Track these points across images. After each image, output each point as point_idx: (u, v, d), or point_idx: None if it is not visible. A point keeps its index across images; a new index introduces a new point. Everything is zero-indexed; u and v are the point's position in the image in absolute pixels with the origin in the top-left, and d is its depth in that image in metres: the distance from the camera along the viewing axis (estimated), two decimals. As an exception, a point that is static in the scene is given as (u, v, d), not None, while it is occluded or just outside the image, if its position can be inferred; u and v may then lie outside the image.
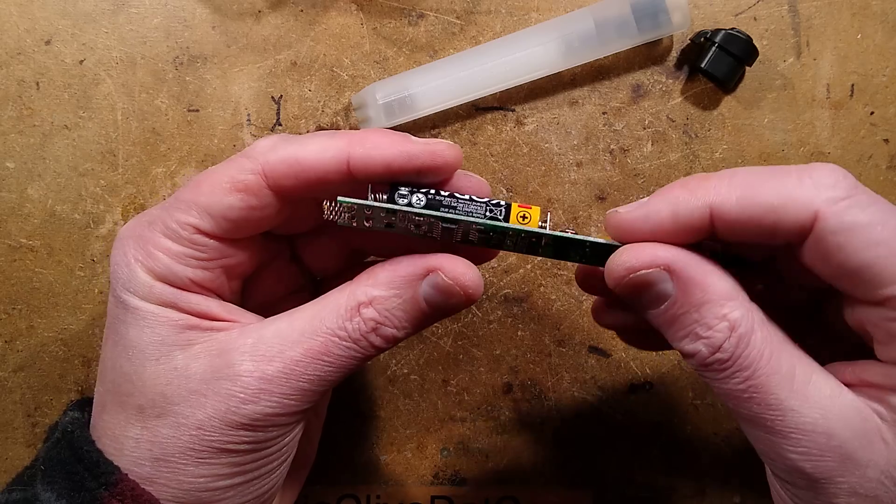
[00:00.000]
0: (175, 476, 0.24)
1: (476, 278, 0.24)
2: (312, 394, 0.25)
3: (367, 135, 0.25)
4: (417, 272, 0.24)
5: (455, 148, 0.25)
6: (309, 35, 0.37)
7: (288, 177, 0.24)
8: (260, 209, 0.25)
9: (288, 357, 0.24)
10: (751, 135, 0.37)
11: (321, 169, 0.24)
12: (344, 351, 0.24)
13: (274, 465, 0.26)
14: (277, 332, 0.25)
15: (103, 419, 0.25)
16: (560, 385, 0.38)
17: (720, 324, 0.22)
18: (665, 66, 0.38)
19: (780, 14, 0.37)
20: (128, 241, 0.25)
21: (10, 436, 0.37)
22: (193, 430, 0.24)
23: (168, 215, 0.25)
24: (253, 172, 0.24)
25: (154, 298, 0.25)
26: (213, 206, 0.25)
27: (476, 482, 0.38)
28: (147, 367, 0.25)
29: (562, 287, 0.38)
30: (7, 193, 0.37)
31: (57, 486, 0.24)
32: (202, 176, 0.25)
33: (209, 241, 0.25)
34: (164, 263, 0.25)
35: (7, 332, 0.37)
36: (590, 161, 0.38)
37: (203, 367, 0.24)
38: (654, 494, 0.38)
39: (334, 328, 0.24)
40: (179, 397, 0.24)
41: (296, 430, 0.26)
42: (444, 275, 0.24)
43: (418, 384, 0.38)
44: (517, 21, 0.37)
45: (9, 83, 0.37)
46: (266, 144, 0.25)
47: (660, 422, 0.38)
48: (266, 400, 0.24)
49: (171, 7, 0.37)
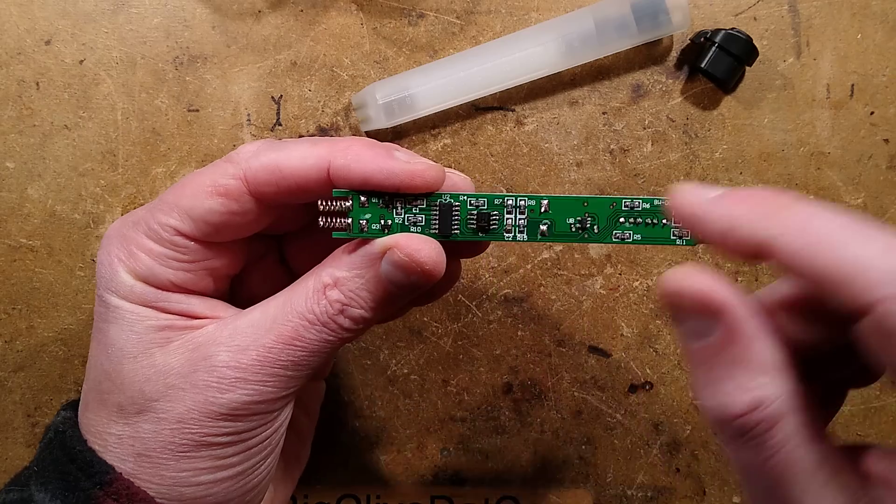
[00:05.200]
0: (157, 471, 0.24)
1: (433, 253, 0.24)
2: (289, 379, 0.25)
3: (350, 145, 0.25)
4: (374, 251, 0.25)
5: (437, 169, 0.25)
6: (309, 35, 0.37)
7: (269, 183, 0.25)
8: (241, 214, 0.25)
9: (261, 345, 0.24)
10: (751, 135, 0.37)
11: (301, 176, 0.24)
12: (314, 334, 0.25)
13: (258, 458, 0.26)
14: (251, 322, 0.25)
15: (87, 417, 0.26)
16: (560, 385, 0.38)
17: (745, 395, 0.20)
18: (665, 66, 0.38)
19: (780, 14, 0.37)
20: (112, 240, 0.26)
21: (10, 436, 0.37)
22: (174, 423, 0.24)
23: (151, 216, 0.25)
24: (235, 177, 0.25)
25: (134, 298, 0.25)
26: (194, 209, 0.25)
27: (476, 482, 0.38)
28: (125, 364, 0.25)
29: (562, 287, 0.38)
30: (7, 193, 0.37)
31: (51, 487, 0.24)
32: (186, 179, 0.26)
33: (190, 243, 0.25)
34: (145, 264, 0.25)
35: (7, 332, 0.37)
36: (590, 161, 0.38)
37: (180, 361, 0.25)
38: (654, 494, 0.38)
39: (304, 312, 0.24)
40: (158, 393, 0.24)
41: (278, 420, 0.26)
42: (399, 251, 0.24)
43: (418, 384, 0.38)
44: (517, 21, 0.37)
45: (9, 83, 0.37)
46: (249, 150, 0.25)
47: (660, 422, 0.38)
48: (242, 388, 0.24)
49: (171, 7, 0.37)
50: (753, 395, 0.19)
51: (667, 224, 0.25)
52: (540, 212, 0.25)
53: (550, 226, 0.26)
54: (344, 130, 0.37)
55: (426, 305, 0.38)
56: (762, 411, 0.19)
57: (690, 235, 0.25)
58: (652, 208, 0.25)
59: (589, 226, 0.26)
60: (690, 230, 0.22)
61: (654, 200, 0.25)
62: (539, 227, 0.26)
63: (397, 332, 0.38)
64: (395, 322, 0.38)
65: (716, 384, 0.20)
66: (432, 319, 0.38)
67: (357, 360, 0.38)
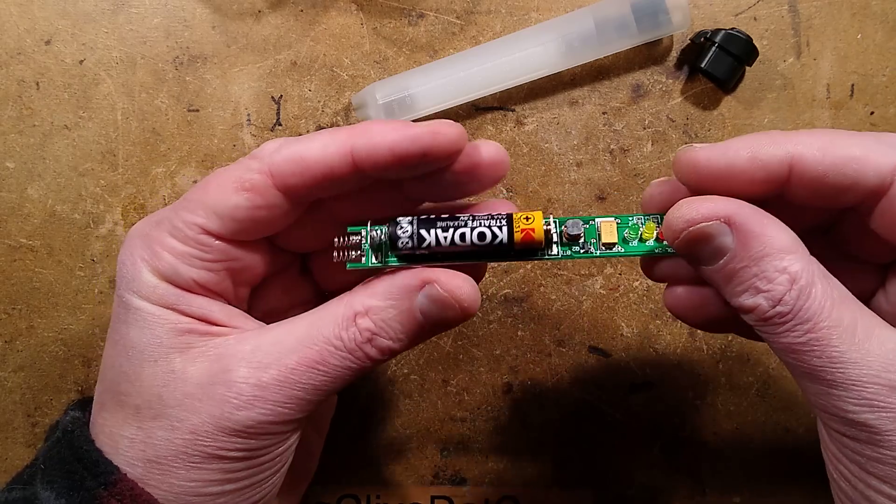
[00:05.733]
0: (166, 479, 0.24)
1: (472, 292, 0.24)
2: (307, 403, 0.25)
3: (368, 125, 0.25)
4: (413, 284, 0.24)
5: (456, 126, 0.24)
6: (309, 35, 0.37)
7: (294, 174, 0.24)
8: (267, 209, 0.25)
9: (283, 365, 0.24)
10: (751, 135, 0.37)
11: (325, 164, 0.24)
12: (339, 361, 0.24)
13: (266, 474, 0.26)
14: (275, 340, 0.25)
15: (102, 416, 0.26)
16: (560, 385, 0.38)
17: (780, 276, 0.22)
18: (665, 66, 0.38)
19: (780, 14, 0.37)
20: (135, 239, 0.25)
21: (10, 436, 0.37)
22: (187, 433, 0.24)
23: (175, 215, 0.25)
24: (259, 172, 0.25)
25: (156, 299, 0.25)
26: (219, 206, 0.25)
27: (476, 482, 0.38)
28: (145, 367, 0.25)
29: (562, 287, 0.38)
30: (7, 193, 0.37)
31: (56, 485, 0.24)
32: (210, 177, 0.25)
33: (215, 241, 0.25)
34: (169, 263, 0.25)
35: (7, 332, 0.37)
36: (590, 161, 0.38)
37: (200, 371, 0.24)
38: (654, 494, 0.38)
39: (330, 337, 0.24)
40: (175, 400, 0.24)
41: (290, 440, 0.26)
42: (440, 287, 0.24)
43: (418, 384, 0.38)
44: (517, 21, 0.37)
45: (9, 83, 0.37)
46: (272, 146, 0.25)
47: (660, 422, 0.38)
48: (260, 407, 0.24)
49: (171, 7, 0.37)
50: (787, 274, 0.22)
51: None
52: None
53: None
54: (344, 130, 0.37)
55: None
56: (798, 284, 0.22)
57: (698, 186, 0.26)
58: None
59: None
60: (713, 172, 0.24)
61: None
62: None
63: (397, 332, 0.38)
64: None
65: (749, 283, 0.23)
66: (432, 319, 0.38)
67: (357, 360, 0.38)
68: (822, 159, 0.23)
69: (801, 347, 0.22)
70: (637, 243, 0.26)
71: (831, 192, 0.23)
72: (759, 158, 0.23)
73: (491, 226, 0.25)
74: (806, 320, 0.22)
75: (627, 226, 0.26)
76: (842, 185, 0.23)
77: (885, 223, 0.23)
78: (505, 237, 0.25)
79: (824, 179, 0.23)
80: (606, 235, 0.26)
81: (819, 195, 0.23)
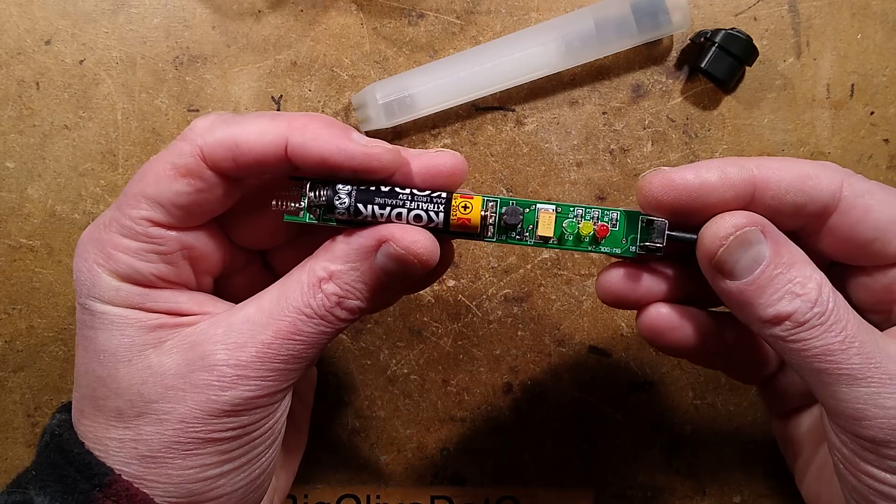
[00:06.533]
0: (164, 471, 0.24)
1: (428, 244, 0.24)
2: (289, 371, 0.25)
3: (309, 122, 0.24)
4: (370, 244, 0.25)
5: (394, 152, 0.25)
6: (309, 35, 0.37)
7: (226, 159, 0.24)
8: (207, 191, 0.25)
9: (259, 341, 0.24)
10: (751, 135, 0.37)
11: (259, 153, 0.24)
12: (313, 327, 0.25)
13: (261, 448, 0.26)
14: (246, 318, 0.25)
15: (84, 424, 0.25)
16: (560, 385, 0.38)
17: (811, 281, 0.23)
18: (665, 66, 0.38)
19: (780, 14, 0.37)
20: (87, 245, 0.25)
21: (10, 436, 0.37)
22: (176, 424, 0.24)
23: (121, 213, 0.25)
24: (192, 155, 0.24)
25: (120, 301, 0.25)
26: (160, 195, 0.24)
27: (476, 482, 0.38)
28: (120, 369, 0.25)
29: (562, 287, 0.38)
30: (7, 193, 0.37)
31: (50, 490, 0.24)
32: (145, 167, 0.25)
33: (166, 232, 0.25)
34: (125, 263, 0.25)
35: (7, 332, 0.37)
36: (590, 161, 0.38)
37: (177, 362, 0.24)
38: (654, 494, 0.38)
39: (300, 306, 0.25)
40: (157, 394, 0.24)
41: (279, 410, 0.26)
42: (395, 245, 0.24)
43: (418, 384, 0.38)
44: (517, 21, 0.37)
45: (9, 83, 0.37)
46: (203, 125, 0.25)
47: (660, 422, 0.38)
48: (244, 385, 0.24)
49: (171, 7, 0.37)
50: (815, 278, 0.23)
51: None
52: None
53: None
54: (344, 130, 0.37)
55: (426, 306, 0.38)
56: (827, 286, 0.23)
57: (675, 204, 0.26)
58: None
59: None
60: (688, 190, 0.25)
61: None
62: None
63: (397, 332, 0.38)
64: (395, 322, 0.38)
65: (786, 288, 0.23)
66: (432, 319, 0.38)
67: (357, 360, 0.38)
68: (782, 176, 0.24)
69: (840, 346, 0.23)
70: (572, 239, 0.26)
71: (790, 210, 0.25)
72: (728, 178, 0.24)
73: (428, 210, 0.25)
74: (840, 319, 0.23)
75: (567, 217, 0.26)
76: (799, 202, 0.24)
77: (842, 228, 0.25)
78: (441, 223, 0.25)
79: (784, 197, 0.24)
80: (543, 228, 0.26)
81: (779, 212, 0.25)
